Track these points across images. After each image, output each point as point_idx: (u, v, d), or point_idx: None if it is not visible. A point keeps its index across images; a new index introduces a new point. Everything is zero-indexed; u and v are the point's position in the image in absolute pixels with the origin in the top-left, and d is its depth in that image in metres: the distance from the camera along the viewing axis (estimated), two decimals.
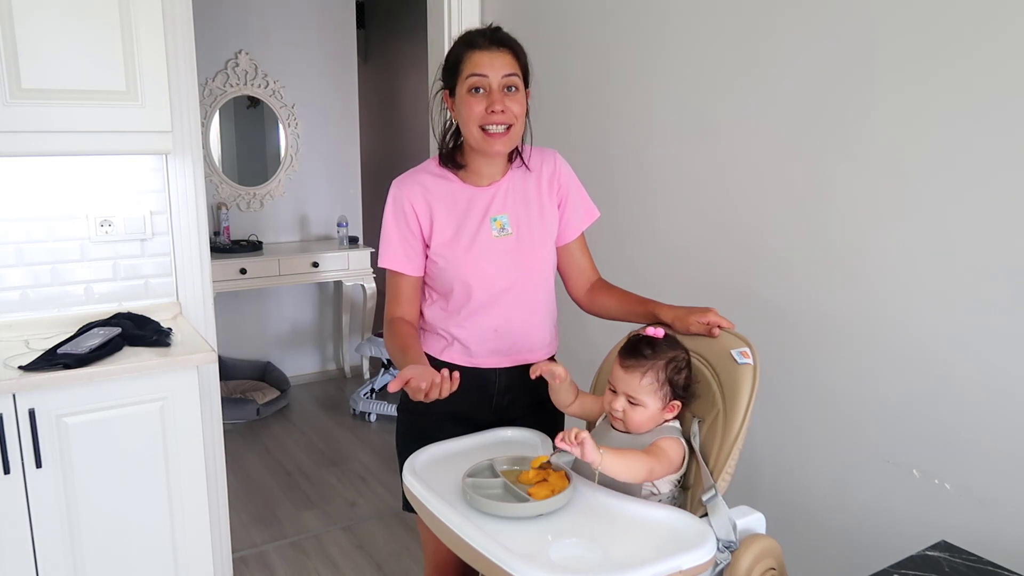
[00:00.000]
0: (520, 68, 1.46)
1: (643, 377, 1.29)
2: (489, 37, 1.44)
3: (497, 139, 1.45)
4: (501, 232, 1.52)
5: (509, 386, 1.57)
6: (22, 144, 1.83)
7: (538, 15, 2.43)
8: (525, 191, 1.56)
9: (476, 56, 1.43)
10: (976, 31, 1.36)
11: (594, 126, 2.29)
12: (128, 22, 1.88)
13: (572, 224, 1.61)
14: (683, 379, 1.33)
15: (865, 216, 1.58)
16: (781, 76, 1.72)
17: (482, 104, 1.43)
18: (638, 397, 1.29)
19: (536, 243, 1.55)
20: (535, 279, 1.56)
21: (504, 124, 1.44)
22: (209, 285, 2.28)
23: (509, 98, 1.44)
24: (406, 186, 1.53)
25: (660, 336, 1.33)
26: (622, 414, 1.31)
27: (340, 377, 4.64)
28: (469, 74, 1.43)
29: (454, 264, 1.50)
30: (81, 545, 1.82)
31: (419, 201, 1.51)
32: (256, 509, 3.01)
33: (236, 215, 4.19)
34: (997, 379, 1.39)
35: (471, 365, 1.55)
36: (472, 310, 1.53)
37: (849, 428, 1.65)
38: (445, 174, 1.54)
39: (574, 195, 1.60)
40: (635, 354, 1.31)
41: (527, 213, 1.54)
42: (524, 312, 1.55)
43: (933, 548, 1.23)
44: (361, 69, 4.66)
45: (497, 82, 1.43)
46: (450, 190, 1.53)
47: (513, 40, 1.48)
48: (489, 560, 1.08)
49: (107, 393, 1.80)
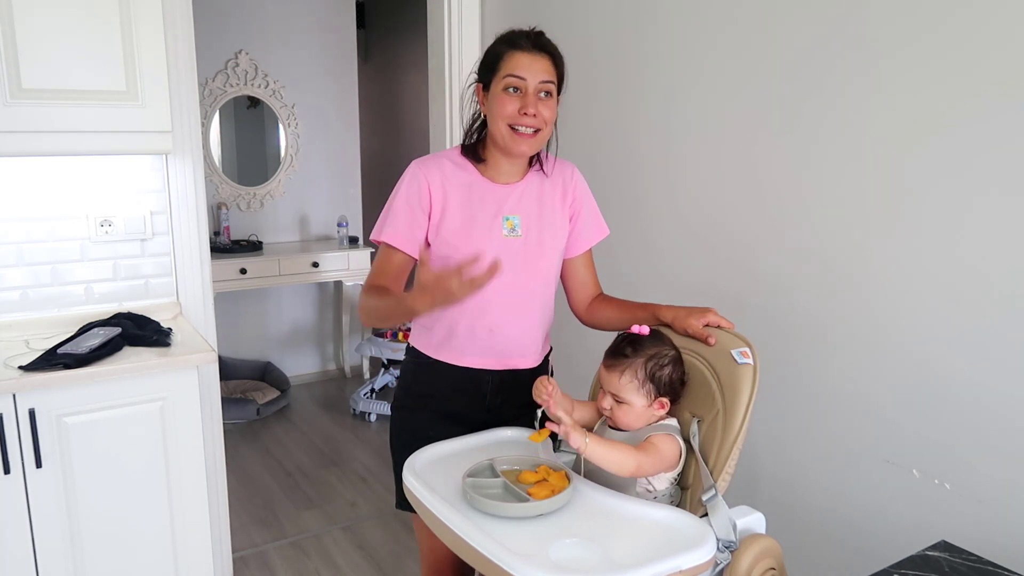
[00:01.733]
0: (557, 76, 1.47)
1: (622, 376, 1.31)
2: (532, 40, 1.45)
3: (524, 140, 1.45)
4: (511, 232, 1.52)
5: (501, 387, 1.57)
6: (22, 144, 1.83)
7: (535, 20, 2.42)
8: (540, 196, 1.56)
9: (517, 57, 1.43)
10: (976, 35, 1.36)
11: (584, 134, 2.29)
12: (128, 22, 1.88)
13: (581, 239, 1.61)
14: (667, 375, 1.32)
15: (863, 219, 1.58)
16: (776, 85, 1.72)
17: (516, 104, 1.43)
18: (621, 395, 1.31)
19: (543, 249, 1.55)
20: (536, 284, 1.55)
21: (534, 128, 1.44)
22: (209, 285, 2.28)
23: (542, 103, 1.44)
24: (427, 167, 1.52)
25: (644, 333, 1.34)
26: (610, 412, 1.33)
27: (340, 377, 4.64)
28: (507, 73, 1.43)
29: (459, 254, 1.49)
30: (81, 545, 1.82)
31: (436, 182, 1.51)
32: (256, 509, 3.01)
33: (236, 215, 4.19)
34: (997, 379, 1.39)
35: (463, 365, 1.55)
36: (469, 305, 1.50)
37: (849, 428, 1.65)
38: (465, 164, 1.54)
39: (586, 210, 1.61)
40: (616, 353, 1.33)
41: (539, 218, 1.55)
42: (519, 315, 1.55)
43: (933, 548, 1.23)
44: (361, 69, 4.66)
45: (534, 86, 1.43)
46: (467, 180, 1.53)
47: (554, 47, 1.49)
48: (489, 560, 1.08)
49: (107, 393, 1.80)
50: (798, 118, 1.69)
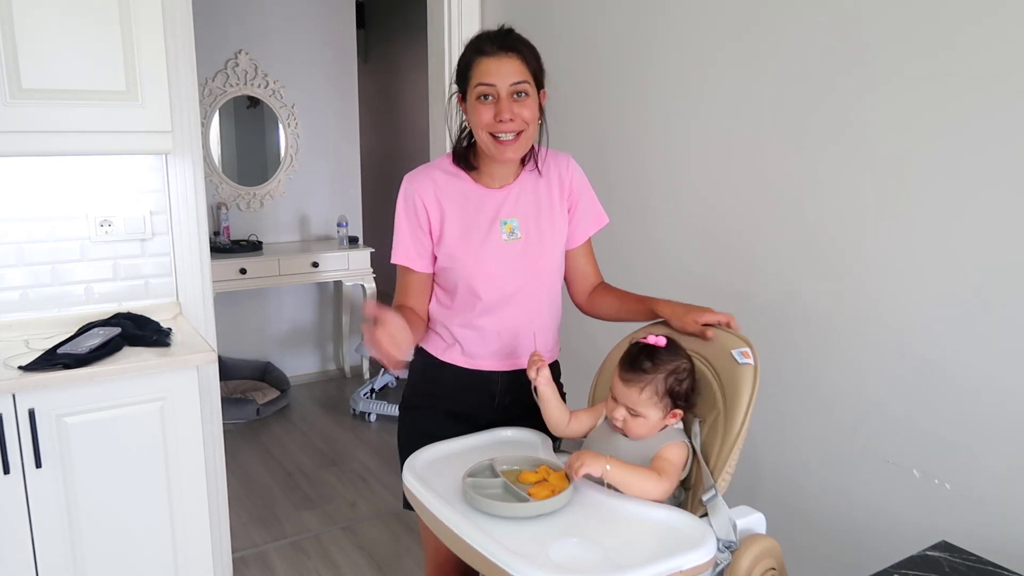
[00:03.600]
0: (531, 72, 1.43)
1: (642, 392, 1.28)
2: (498, 43, 1.41)
3: (507, 146, 1.43)
4: (511, 236, 1.50)
5: (511, 387, 1.57)
6: (22, 144, 1.83)
7: (537, 16, 2.43)
8: (536, 195, 1.54)
9: (484, 63, 1.40)
10: (976, 33, 1.36)
11: (590, 130, 2.29)
12: (128, 22, 1.88)
13: (580, 229, 1.60)
14: (684, 389, 1.31)
15: (864, 219, 1.58)
16: (778, 80, 1.72)
17: (490, 112, 1.41)
18: (638, 409, 1.29)
19: (545, 249, 1.53)
20: (541, 285, 1.54)
21: (513, 131, 1.42)
22: (209, 285, 2.28)
23: (518, 104, 1.41)
24: (418, 181, 1.51)
25: (662, 345, 1.31)
26: (623, 423, 1.31)
27: (340, 377, 4.64)
28: (478, 82, 1.41)
29: (462, 265, 1.49)
30: (81, 545, 1.82)
31: (430, 197, 1.50)
32: (256, 509, 3.01)
33: (236, 215, 4.19)
34: (997, 379, 1.39)
35: (472, 367, 1.55)
36: (477, 313, 1.52)
37: (849, 428, 1.65)
38: (458, 172, 1.53)
39: (584, 200, 1.59)
40: (635, 367, 1.29)
41: (537, 218, 1.53)
42: (528, 317, 1.54)
43: (933, 548, 1.23)
44: (361, 69, 4.66)
45: (506, 90, 1.40)
46: (462, 189, 1.51)
47: (524, 43, 1.45)
48: (489, 560, 1.08)
49: (107, 393, 1.80)
50: (802, 115, 1.69)
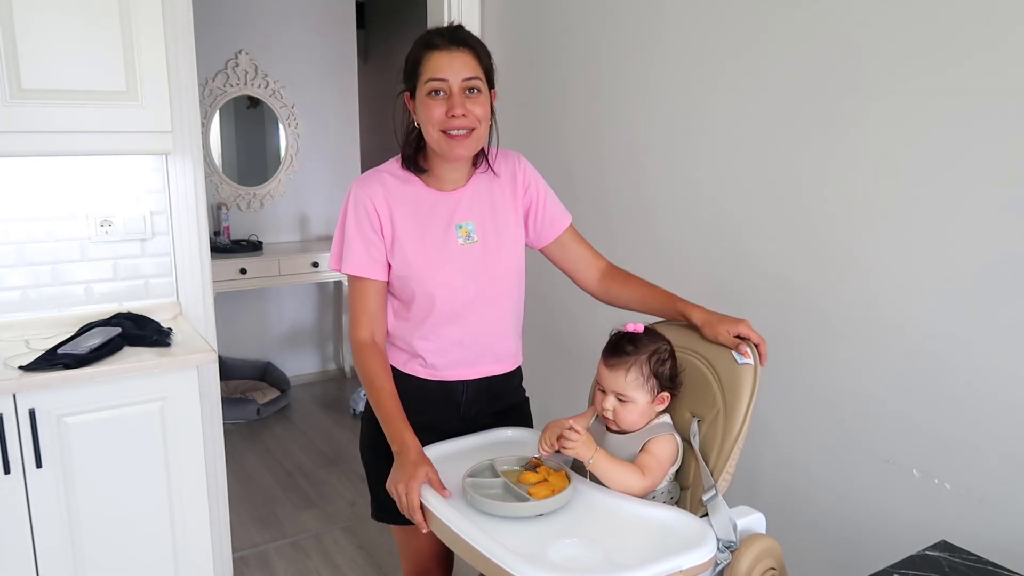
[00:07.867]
0: (483, 69, 1.39)
1: (628, 373, 1.30)
2: (448, 37, 1.37)
3: (459, 142, 1.37)
4: (467, 240, 1.45)
5: (477, 397, 1.52)
6: (22, 144, 1.83)
7: (538, 15, 2.43)
8: (491, 196, 1.49)
9: (435, 58, 1.36)
10: (973, 32, 1.36)
11: (591, 128, 2.29)
12: (128, 22, 1.88)
13: (556, 223, 1.55)
14: (668, 370, 1.34)
15: (863, 217, 1.58)
16: (777, 78, 1.72)
17: (442, 107, 1.36)
18: (626, 393, 1.31)
19: (503, 251, 1.48)
20: (502, 289, 1.49)
21: (466, 128, 1.37)
22: (209, 285, 2.28)
23: (471, 101, 1.36)
24: (367, 186, 1.45)
25: (640, 331, 1.35)
26: (612, 412, 1.32)
27: (340, 377, 4.64)
28: (429, 77, 1.36)
29: (417, 272, 1.43)
30: (81, 545, 1.82)
31: (381, 202, 1.44)
32: (256, 509, 3.01)
33: (236, 215, 4.18)
34: (997, 379, 1.39)
35: (436, 379, 1.49)
36: (435, 322, 1.45)
37: (849, 428, 1.65)
38: (408, 177, 1.47)
39: (548, 195, 1.55)
40: (617, 352, 1.33)
41: (494, 220, 1.48)
42: (489, 323, 1.49)
43: (933, 548, 1.23)
44: (361, 69, 4.66)
45: (458, 85, 1.35)
46: (413, 194, 1.46)
47: (475, 39, 1.40)
48: (489, 560, 1.08)
49: (107, 393, 1.80)
50: (805, 115, 1.69)
